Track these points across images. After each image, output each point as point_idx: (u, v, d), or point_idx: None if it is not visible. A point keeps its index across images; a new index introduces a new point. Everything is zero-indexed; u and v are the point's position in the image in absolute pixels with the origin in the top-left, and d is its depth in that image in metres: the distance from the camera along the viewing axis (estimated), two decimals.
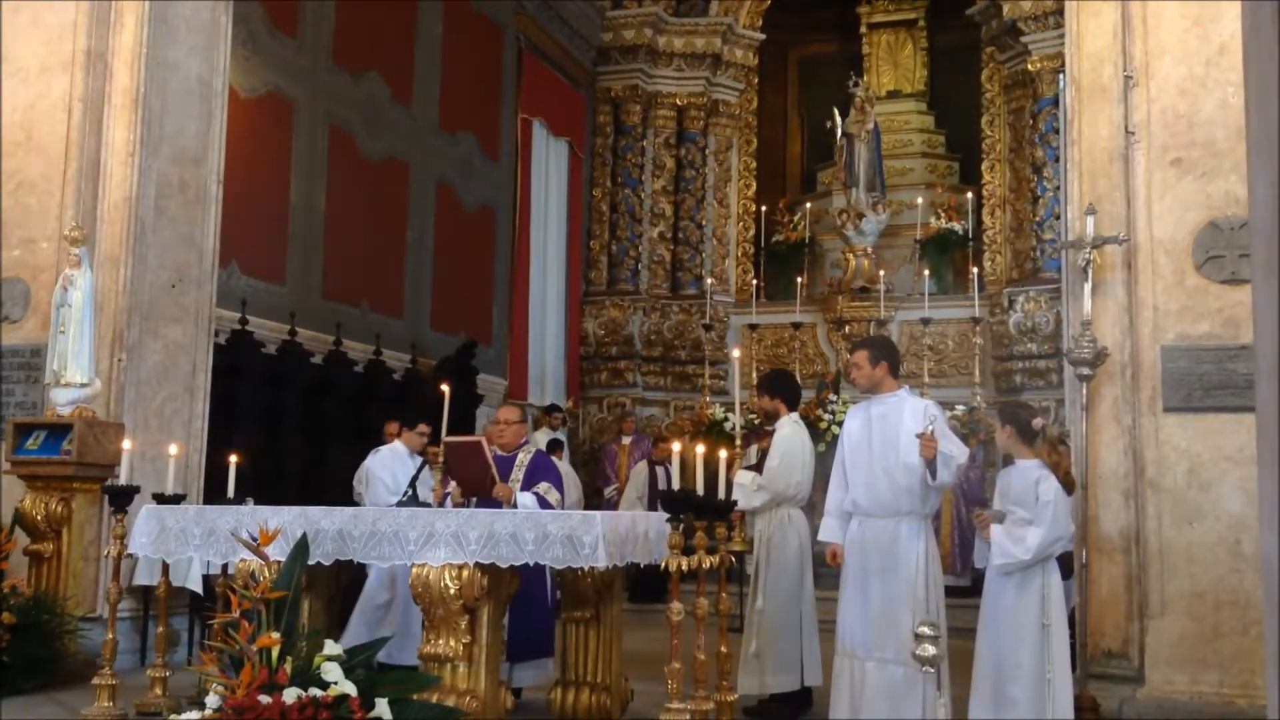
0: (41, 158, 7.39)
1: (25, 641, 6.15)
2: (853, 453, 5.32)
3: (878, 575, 5.09)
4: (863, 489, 5.22)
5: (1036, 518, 4.84)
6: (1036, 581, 4.84)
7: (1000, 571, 4.86)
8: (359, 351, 10.82)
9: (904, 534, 5.10)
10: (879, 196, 14.43)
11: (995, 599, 4.92)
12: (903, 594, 5.03)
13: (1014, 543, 4.82)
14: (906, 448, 5.07)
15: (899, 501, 5.11)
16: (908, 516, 5.12)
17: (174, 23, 7.58)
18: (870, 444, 5.23)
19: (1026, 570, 4.82)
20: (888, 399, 5.31)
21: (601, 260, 15.44)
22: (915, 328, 13.79)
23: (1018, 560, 4.80)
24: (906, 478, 5.08)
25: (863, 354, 5.37)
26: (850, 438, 5.36)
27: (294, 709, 4.25)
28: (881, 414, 5.28)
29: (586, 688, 5.40)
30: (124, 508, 5.77)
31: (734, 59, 15.95)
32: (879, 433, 5.22)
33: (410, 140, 11.96)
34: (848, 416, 5.55)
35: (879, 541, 5.13)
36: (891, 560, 5.08)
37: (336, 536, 5.00)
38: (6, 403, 7.28)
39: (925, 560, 5.08)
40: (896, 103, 15.91)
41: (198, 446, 7.63)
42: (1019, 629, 4.82)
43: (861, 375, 5.36)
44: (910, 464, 5.07)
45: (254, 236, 9.57)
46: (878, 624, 5.04)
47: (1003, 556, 4.84)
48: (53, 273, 7.10)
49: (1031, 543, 4.79)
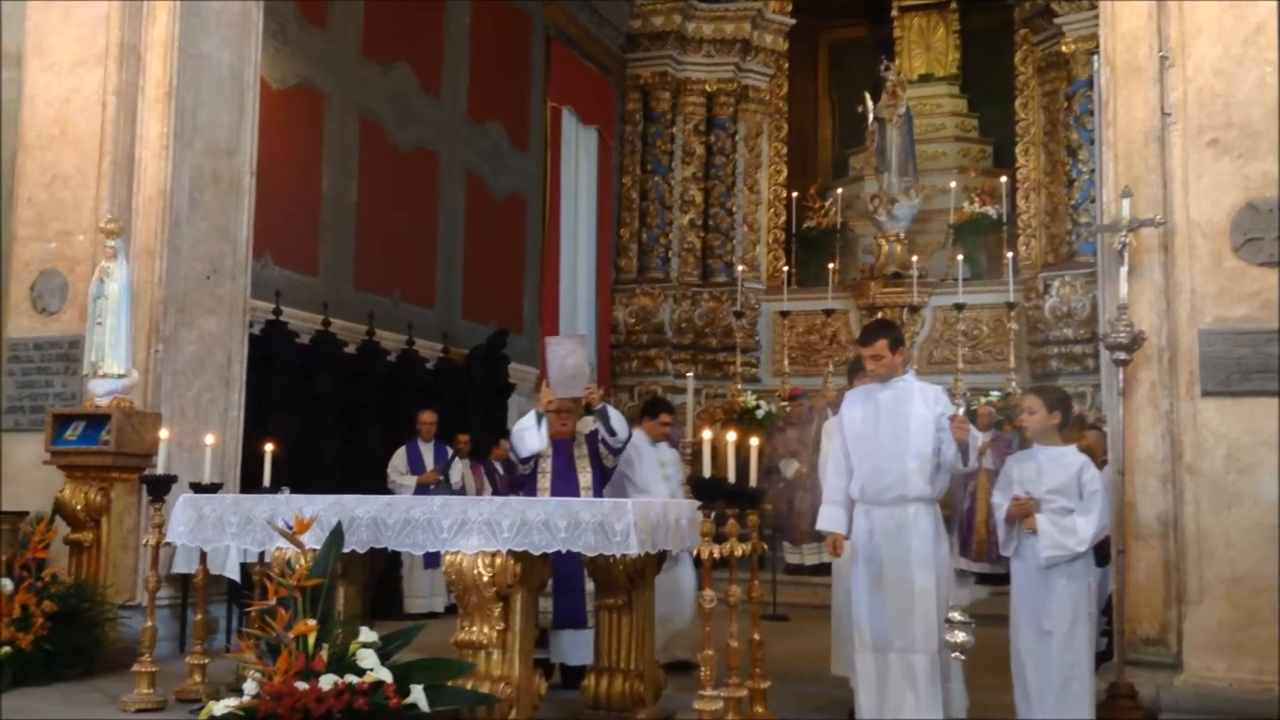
0: (76, 151, 7.46)
1: (66, 629, 6.25)
2: (857, 439, 5.18)
3: (891, 564, 4.98)
4: (870, 476, 5.09)
5: (1085, 506, 4.75)
6: (1081, 571, 4.78)
7: (1049, 563, 4.75)
8: (391, 341, 10.88)
9: (914, 519, 4.99)
10: (911, 181, 14.34)
11: (1042, 592, 4.80)
12: (920, 581, 4.93)
13: (1064, 533, 4.72)
14: (917, 433, 4.99)
15: (908, 487, 5.00)
16: (917, 502, 5.01)
17: (205, 15, 7.63)
18: (877, 430, 5.10)
19: (1074, 561, 4.74)
20: (896, 384, 5.17)
21: (632, 248, 15.43)
22: (949, 313, 13.72)
23: (1071, 552, 4.71)
24: (917, 464, 4.99)
25: (882, 343, 5.18)
26: (853, 424, 5.22)
27: (330, 695, 4.30)
28: (890, 399, 5.14)
29: (620, 674, 5.40)
30: (162, 497, 5.83)
31: (763, 44, 15.88)
32: (889, 418, 5.09)
33: (440, 130, 11.99)
34: (846, 402, 5.40)
35: (889, 529, 5.01)
36: (904, 547, 4.97)
37: (371, 524, 5.03)
38: (45, 394, 7.37)
39: (937, 544, 5.01)
40: (928, 86, 15.79)
41: (233, 435, 7.69)
42: (1072, 620, 4.74)
43: (883, 364, 5.18)
44: (921, 449, 4.98)
45: (287, 227, 9.64)
46: (896, 614, 4.93)
47: (1053, 548, 4.73)
48: (89, 265, 7.16)
49: (1085, 533, 4.72)
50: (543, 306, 13.72)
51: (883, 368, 5.17)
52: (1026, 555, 4.88)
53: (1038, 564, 4.81)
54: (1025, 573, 4.92)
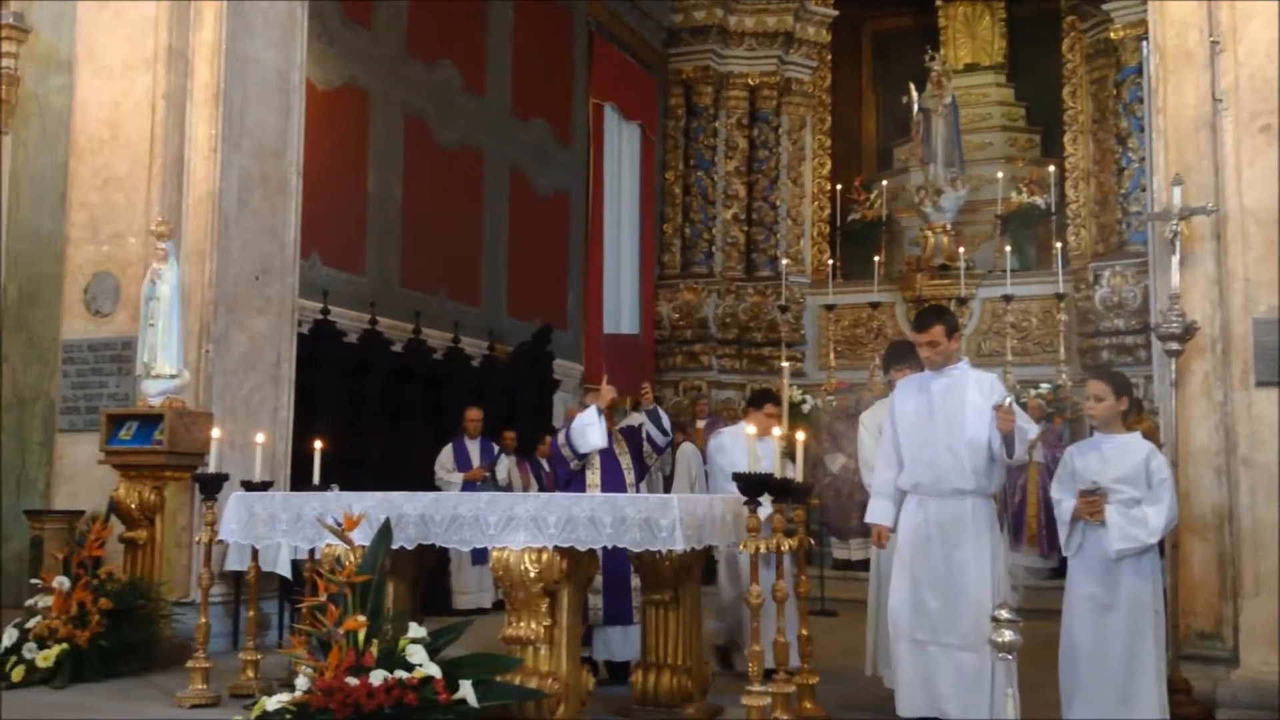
0: (127, 154, 7.57)
1: (122, 626, 6.34)
2: (910, 429, 5.04)
3: (942, 558, 4.84)
4: (924, 467, 4.94)
5: (1154, 496, 4.57)
6: (1150, 565, 4.61)
7: (1119, 556, 4.55)
8: (438, 339, 10.95)
9: (970, 513, 4.84)
10: (957, 172, 14.21)
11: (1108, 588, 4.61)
12: (972, 577, 4.77)
13: (1134, 524, 4.53)
14: (973, 422, 4.83)
15: (964, 479, 4.85)
16: (973, 495, 4.86)
17: (251, 17, 7.71)
18: (931, 419, 4.95)
19: (1142, 555, 4.57)
20: (950, 372, 5.03)
21: (675, 243, 15.41)
22: (997, 305, 13.58)
23: (1142, 544, 4.52)
24: (972, 454, 4.84)
25: (939, 328, 5.02)
26: (904, 414, 5.09)
27: (380, 690, 4.33)
28: (944, 388, 4.99)
29: (667, 670, 5.40)
30: (214, 495, 5.90)
31: (806, 36, 15.79)
32: (942, 408, 4.95)
33: (484, 128, 12.05)
34: (898, 391, 5.26)
35: (944, 522, 4.86)
36: (957, 541, 4.82)
37: (418, 521, 5.07)
38: (100, 394, 7.49)
39: (994, 541, 4.85)
40: (974, 76, 15.63)
41: (283, 434, 7.77)
42: (1140, 616, 4.57)
43: (939, 351, 5.02)
44: (976, 439, 4.82)
45: (334, 227, 9.73)
46: (946, 609, 4.78)
47: (1125, 541, 4.53)
48: (141, 267, 7.26)
49: (1156, 523, 4.53)
50: (587, 303, 13.75)
51: (939, 355, 5.03)
52: (1091, 550, 4.68)
53: (1103, 558, 4.61)
54: (1088, 568, 4.70)
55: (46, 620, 6.20)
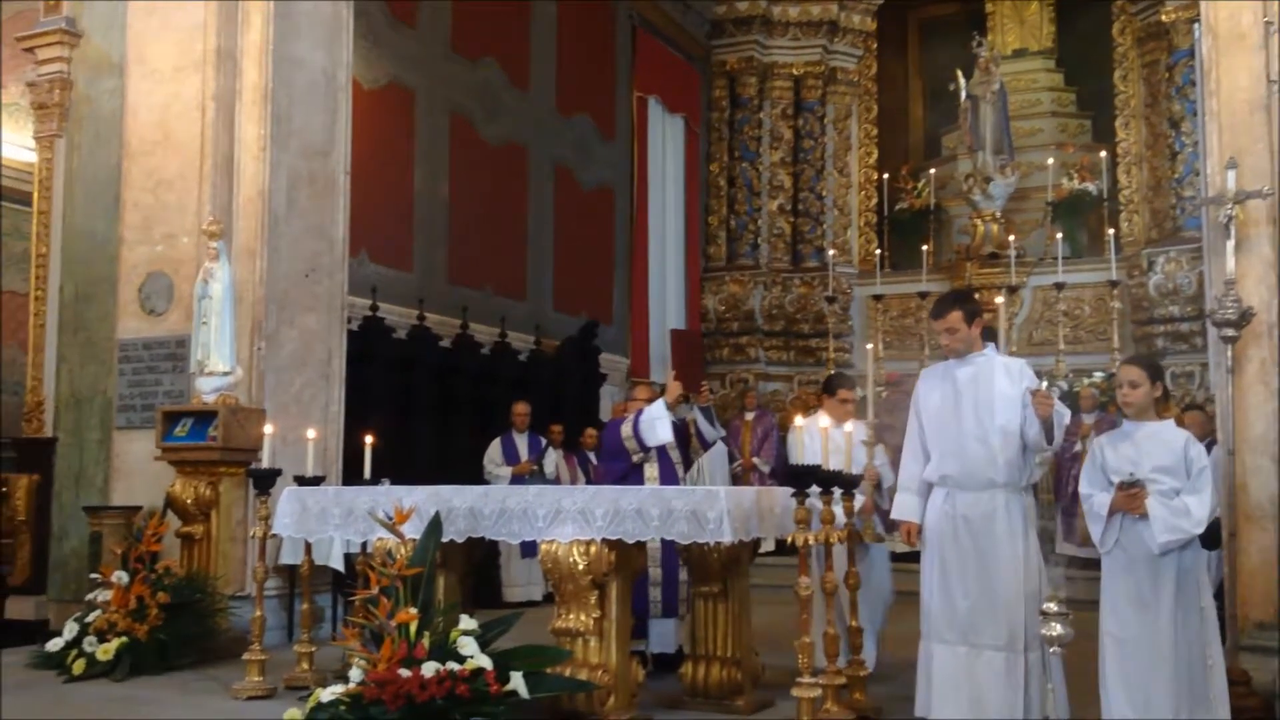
0: (178, 155, 7.68)
1: (180, 620, 6.44)
2: (936, 421, 4.82)
3: (974, 554, 4.63)
4: (953, 459, 4.72)
5: (1194, 485, 4.34)
6: (1193, 557, 4.41)
7: (1163, 549, 4.33)
8: (485, 334, 11.02)
9: (1003, 508, 4.62)
10: (1007, 159, 14.04)
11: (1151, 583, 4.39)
12: (1007, 575, 4.57)
13: (1177, 515, 4.31)
14: (1003, 411, 4.63)
15: (996, 471, 4.64)
16: (1006, 488, 4.64)
17: (297, 18, 7.79)
18: (959, 410, 4.74)
19: (1185, 548, 4.36)
20: (975, 359, 4.81)
21: (720, 235, 15.37)
22: (1049, 293, 13.42)
23: (1187, 535, 4.30)
24: (1004, 444, 4.62)
25: (956, 314, 4.80)
26: (929, 404, 4.87)
27: (433, 682, 4.38)
28: (971, 376, 4.77)
29: (717, 662, 5.40)
30: (267, 490, 5.97)
31: (851, 25, 15.66)
32: (970, 396, 4.73)
33: (528, 124, 12.09)
34: (922, 381, 5.01)
35: (974, 516, 4.65)
36: (990, 538, 4.61)
37: (468, 514, 5.11)
38: (155, 392, 7.62)
39: (1029, 537, 4.62)
40: (1023, 61, 15.42)
41: (335, 430, 7.86)
42: (1188, 610, 4.36)
43: (959, 339, 4.81)
44: (1008, 428, 4.62)
45: (381, 225, 9.81)
46: (976, 607, 4.58)
47: (1169, 533, 4.30)
48: (193, 266, 7.37)
49: (1199, 513, 4.30)
50: (632, 297, 13.76)
51: (959, 342, 4.82)
52: (1129, 545, 4.44)
53: (1144, 553, 4.38)
54: (1128, 564, 4.45)
55: (106, 614, 6.32)
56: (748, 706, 5.33)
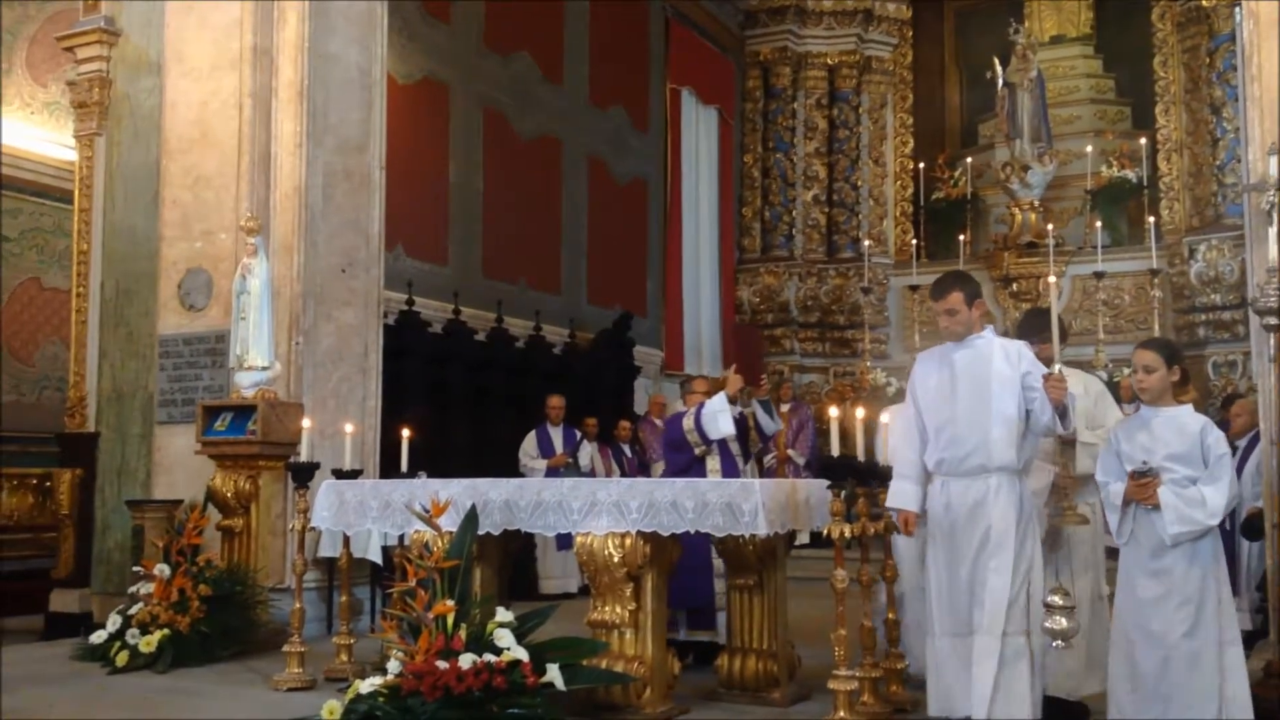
0: (216, 153, 7.75)
1: (221, 612, 6.50)
2: (932, 405, 4.62)
3: (966, 542, 4.43)
4: (947, 445, 4.53)
5: (1211, 475, 4.13)
6: (1209, 549, 4.18)
7: (1175, 541, 4.13)
8: (520, 327, 11.05)
9: (995, 492, 4.42)
10: (1045, 147, 13.90)
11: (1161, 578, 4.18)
12: (999, 562, 4.35)
13: (1191, 505, 4.11)
14: (1000, 394, 4.44)
15: (989, 456, 4.44)
16: (999, 473, 4.44)
17: (332, 15, 7.83)
18: (955, 394, 4.55)
19: (1200, 540, 4.15)
20: (973, 342, 4.61)
21: (755, 227, 15.32)
22: (1088, 282, 13.28)
23: (1201, 526, 4.11)
24: (1000, 429, 4.42)
25: (957, 295, 4.59)
26: (926, 389, 4.68)
27: (470, 674, 4.40)
28: (969, 358, 4.58)
29: (753, 655, 5.39)
30: (306, 483, 6.01)
31: (886, 13, 15.56)
32: (967, 379, 4.54)
33: (561, 117, 12.10)
34: (918, 365, 4.81)
35: (966, 503, 4.46)
36: (982, 524, 4.41)
37: (504, 507, 5.13)
38: (195, 387, 7.70)
39: (1023, 522, 4.41)
40: (1061, 48, 15.26)
41: (372, 424, 7.90)
42: (1201, 606, 4.14)
43: (959, 321, 4.61)
44: (1004, 412, 4.42)
45: (416, 220, 9.86)
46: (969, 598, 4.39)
47: (1181, 524, 4.11)
48: (232, 262, 7.42)
49: (1215, 504, 4.09)
50: (666, 289, 13.75)
51: (958, 324, 4.62)
52: (1142, 537, 4.25)
53: (1157, 545, 4.19)
54: (1141, 557, 4.26)
55: (148, 607, 6.39)
56: (784, 699, 5.32)
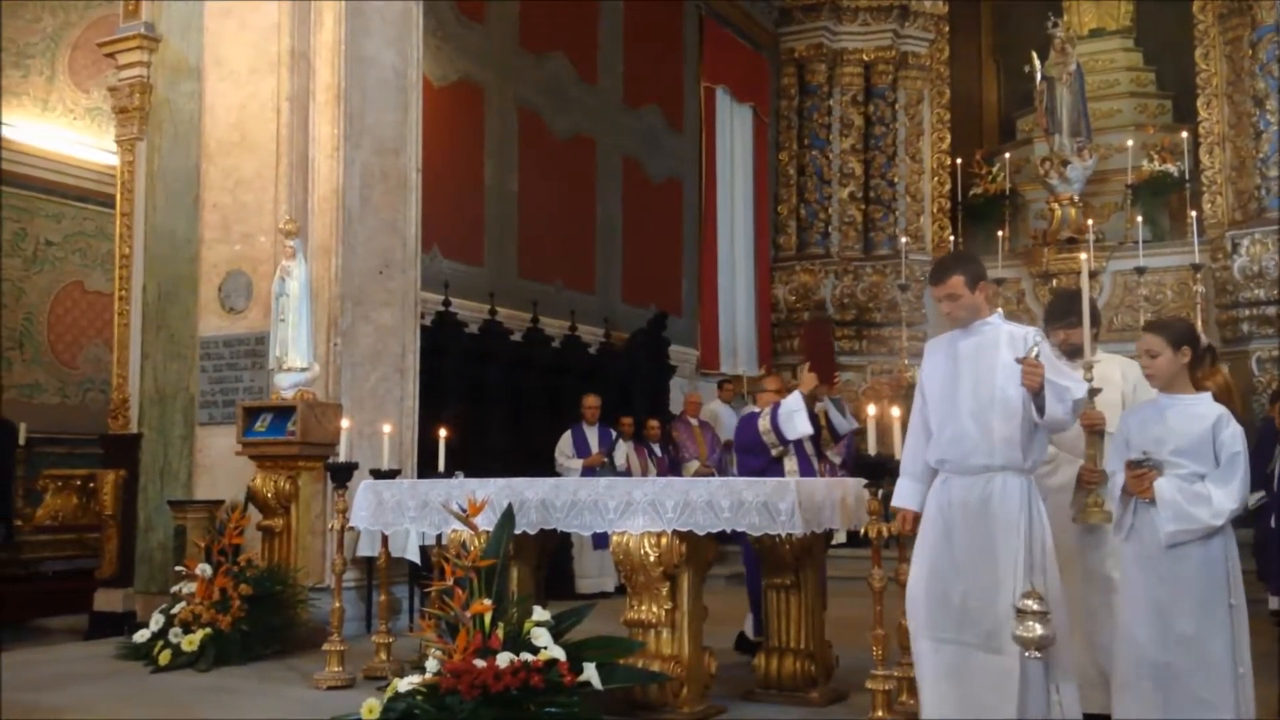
0: (255, 156, 7.82)
1: (261, 611, 6.57)
2: (937, 397, 4.29)
3: (967, 545, 4.08)
4: (949, 439, 4.18)
5: (1222, 473, 3.74)
6: (1219, 551, 3.78)
7: (1171, 542, 3.76)
8: (555, 327, 11.08)
9: (1000, 492, 4.04)
10: (1084, 141, 13.76)
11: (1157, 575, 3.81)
12: (999, 568, 3.99)
13: (1193, 502, 3.73)
14: (1004, 384, 4.07)
15: (991, 453, 4.06)
16: (1003, 471, 4.05)
17: (369, 17, 7.88)
18: (958, 384, 4.20)
19: (1209, 539, 3.75)
20: (981, 328, 4.24)
21: (790, 225, 15.27)
22: (1129, 278, 13.14)
23: (1203, 527, 3.72)
24: (1003, 422, 4.06)
25: (957, 279, 4.24)
26: (933, 379, 4.34)
27: (507, 672, 4.41)
28: (974, 346, 4.23)
29: (790, 654, 5.37)
30: (344, 483, 6.05)
31: (922, 8, 15.47)
32: (970, 369, 4.19)
33: (596, 117, 12.11)
34: (926, 354, 4.47)
35: (969, 503, 4.10)
36: (982, 526, 4.05)
37: (540, 506, 5.14)
38: (235, 388, 7.77)
39: (1027, 526, 4.00)
40: (1100, 41, 15.11)
41: (409, 424, 7.95)
42: (1205, 613, 3.75)
43: (961, 306, 4.25)
44: (1009, 404, 4.05)
45: (453, 220, 9.91)
46: (966, 603, 4.05)
47: (1179, 522, 3.73)
48: (271, 264, 7.49)
49: (1222, 504, 3.71)
50: (701, 288, 13.73)
51: (962, 309, 4.25)
52: (1143, 533, 3.87)
53: (1157, 544, 3.80)
54: (1143, 557, 3.87)
55: (190, 606, 6.46)
56: (821, 699, 5.30)
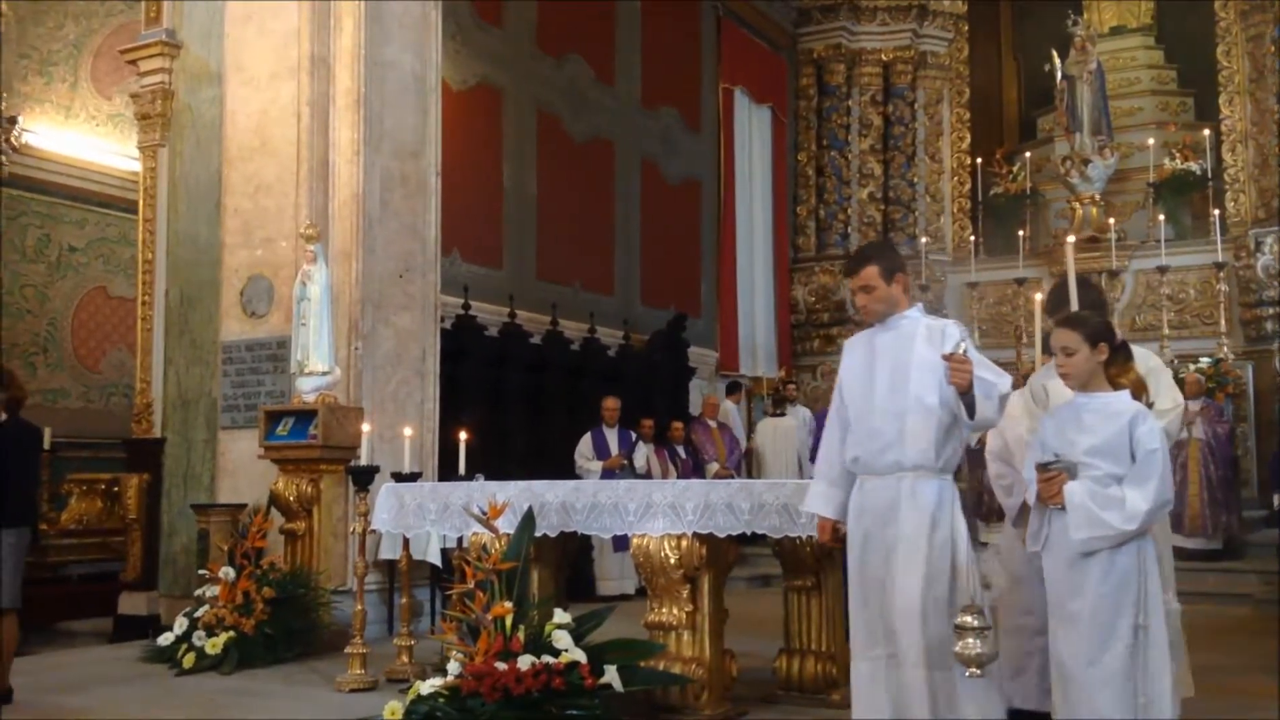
0: (275, 161, 7.86)
1: (284, 614, 6.59)
2: (853, 395, 4.04)
3: (877, 550, 3.88)
4: (863, 439, 3.95)
5: (1137, 472, 3.46)
6: (1128, 562, 3.48)
7: (1084, 549, 3.49)
8: (574, 330, 11.09)
9: (909, 494, 3.82)
10: (1105, 140, 13.70)
11: (1068, 587, 3.54)
12: (909, 576, 3.77)
13: (1105, 507, 3.44)
14: (918, 380, 3.84)
15: (903, 453, 3.83)
16: (915, 472, 3.82)
17: (388, 22, 7.91)
18: (873, 381, 3.97)
19: (1120, 547, 3.47)
20: (898, 322, 4.00)
21: (809, 225, 15.24)
22: (1152, 277, 13.06)
23: (1115, 532, 3.44)
24: (917, 420, 3.82)
25: (871, 270, 4.00)
26: (850, 376, 4.09)
27: (528, 675, 4.42)
28: (889, 343, 3.99)
29: (811, 656, 5.37)
30: (366, 487, 6.06)
31: (941, 7, 15.42)
32: (887, 365, 3.95)
33: (614, 119, 12.12)
34: (845, 351, 4.22)
35: (879, 507, 3.88)
36: (894, 531, 3.83)
37: (560, 509, 5.15)
38: (257, 392, 7.82)
39: (945, 530, 3.80)
40: (1121, 39, 15.03)
41: (430, 427, 7.97)
42: (1106, 632, 3.45)
43: (876, 298, 4.02)
44: (923, 401, 3.82)
45: (472, 224, 9.94)
46: (881, 614, 3.85)
47: (1090, 528, 3.45)
48: (292, 269, 7.50)
49: (1136, 507, 3.42)
50: (720, 290, 13.72)
51: (877, 303, 4.02)
52: (1058, 542, 3.60)
53: (1073, 554, 3.52)
54: (1055, 568, 3.61)
55: (214, 609, 6.50)
56: (842, 700, 5.27)
